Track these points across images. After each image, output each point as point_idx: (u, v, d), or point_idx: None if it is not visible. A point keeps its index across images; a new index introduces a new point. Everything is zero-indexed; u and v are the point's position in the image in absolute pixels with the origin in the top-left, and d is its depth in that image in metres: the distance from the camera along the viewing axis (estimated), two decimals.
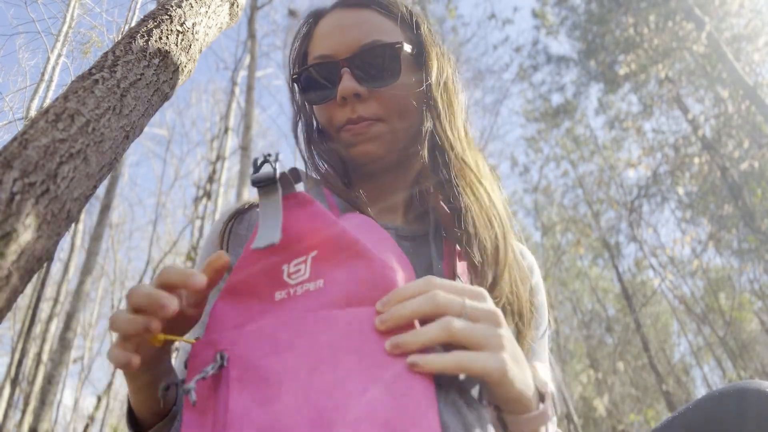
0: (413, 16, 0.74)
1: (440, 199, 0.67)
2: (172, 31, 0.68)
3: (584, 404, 10.29)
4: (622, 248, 9.74)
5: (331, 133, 0.71)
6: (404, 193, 0.73)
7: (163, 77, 0.65)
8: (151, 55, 0.63)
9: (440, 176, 0.67)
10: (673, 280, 8.81)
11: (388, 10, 0.72)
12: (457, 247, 0.64)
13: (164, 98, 0.66)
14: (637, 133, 9.23)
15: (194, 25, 0.73)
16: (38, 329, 7.03)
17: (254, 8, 6.05)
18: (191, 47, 0.72)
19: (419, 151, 0.69)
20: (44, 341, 6.43)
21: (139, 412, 0.55)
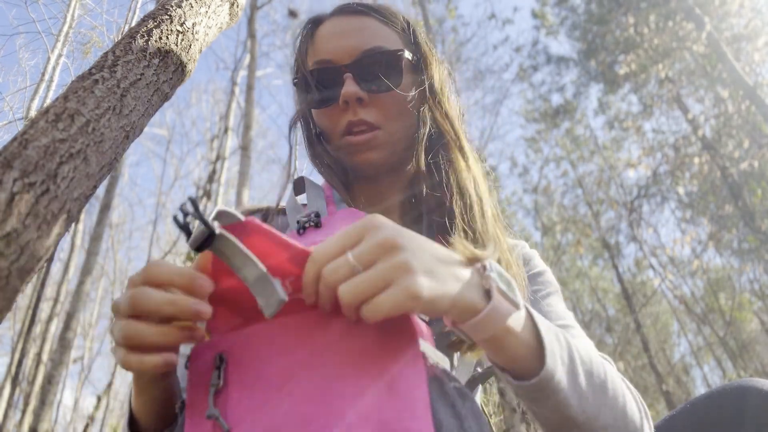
0: (410, 24, 0.76)
1: (435, 201, 0.69)
2: (172, 31, 0.68)
3: None
4: (622, 248, 9.74)
5: (332, 137, 0.72)
6: (400, 195, 0.74)
7: (163, 77, 0.65)
8: (151, 55, 0.63)
9: (434, 179, 0.69)
10: (673, 280, 8.81)
11: (386, 18, 0.74)
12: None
13: (164, 98, 0.66)
14: (637, 133, 9.23)
15: (194, 25, 0.73)
16: (38, 329, 7.03)
17: (254, 8, 6.05)
18: (191, 47, 0.72)
19: (414, 154, 0.71)
20: (44, 341, 6.43)
21: (142, 413, 0.53)
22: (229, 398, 0.40)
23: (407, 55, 0.71)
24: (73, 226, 0.53)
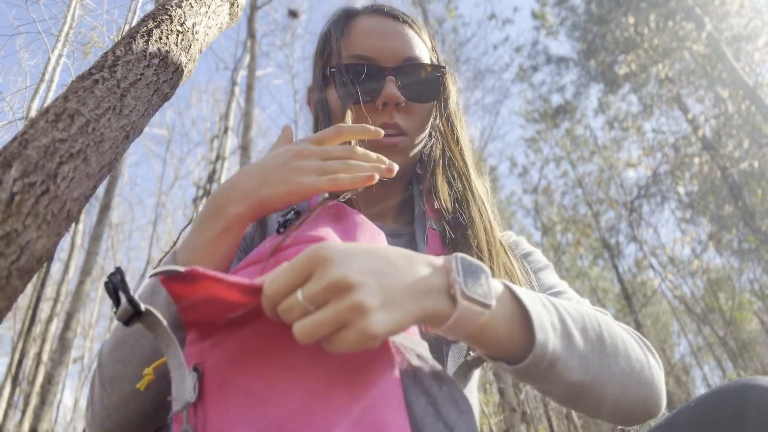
0: (433, 41, 0.80)
1: (434, 204, 0.72)
2: (172, 31, 0.68)
3: None
4: (622, 248, 9.74)
5: None
6: (396, 198, 0.76)
7: (163, 77, 0.65)
8: (151, 55, 0.63)
9: (429, 184, 0.73)
10: (673, 280, 8.81)
11: (419, 30, 0.77)
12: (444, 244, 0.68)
13: (164, 98, 0.66)
14: (637, 133, 9.23)
15: (194, 25, 0.73)
16: (38, 329, 7.03)
17: (254, 8, 6.05)
18: (191, 47, 0.72)
19: (415, 163, 0.75)
20: (44, 341, 6.43)
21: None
22: (208, 412, 0.39)
23: (442, 72, 0.74)
24: (73, 226, 0.53)
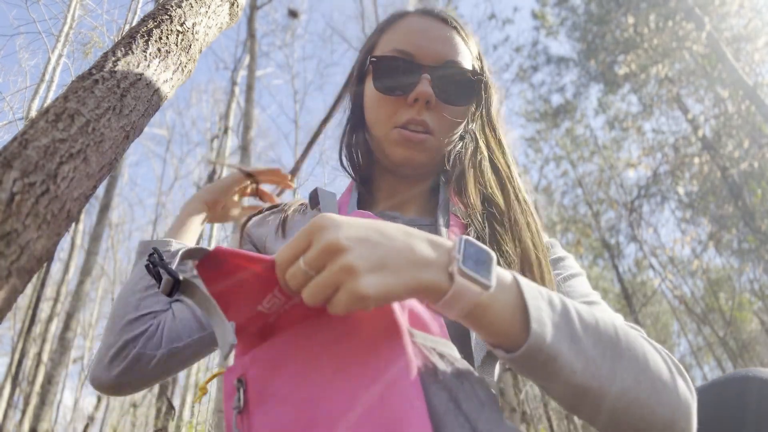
0: (480, 52, 0.81)
1: (462, 202, 0.73)
2: (172, 31, 0.68)
3: None
4: (622, 248, 9.74)
5: (382, 124, 0.74)
6: (419, 189, 0.79)
7: (163, 77, 0.65)
8: (151, 55, 0.63)
9: (458, 185, 0.75)
10: (673, 280, 8.81)
11: (466, 37, 0.78)
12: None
13: (164, 98, 0.66)
14: (637, 133, 9.23)
15: (194, 25, 0.73)
16: (38, 329, 7.02)
17: (254, 8, 6.05)
18: (191, 47, 0.72)
19: (442, 162, 0.77)
20: (44, 341, 6.43)
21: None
22: (251, 418, 0.43)
23: (479, 79, 0.76)
24: (73, 226, 0.53)
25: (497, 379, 0.69)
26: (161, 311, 0.74)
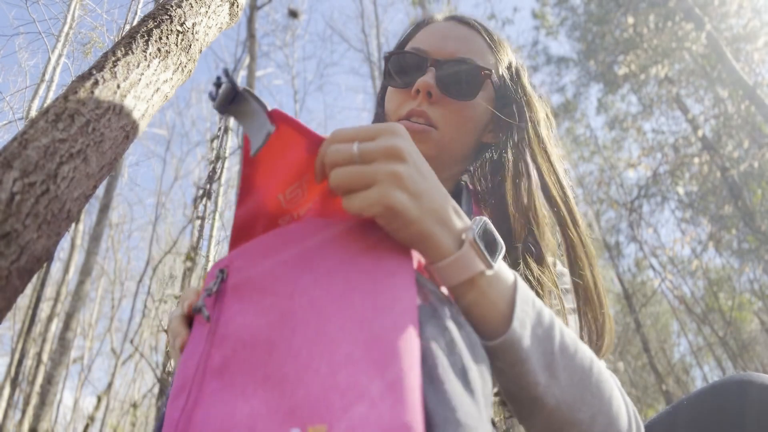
0: (516, 62, 0.79)
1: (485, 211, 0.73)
2: (172, 31, 0.68)
3: None
4: (622, 248, 9.73)
5: (390, 116, 0.75)
6: None
7: (163, 77, 0.65)
8: (151, 55, 0.63)
9: (491, 194, 0.74)
10: (673, 280, 8.80)
11: (493, 42, 0.77)
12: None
13: (164, 98, 0.66)
14: (637, 133, 9.23)
15: (194, 25, 0.73)
16: (38, 329, 7.02)
17: (254, 8, 6.05)
18: (191, 47, 0.72)
19: (457, 163, 0.74)
20: (44, 341, 6.43)
21: None
22: (224, 304, 0.42)
23: (495, 78, 0.74)
24: (73, 226, 0.53)
25: None
26: None
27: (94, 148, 0.52)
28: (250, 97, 0.45)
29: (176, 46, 0.68)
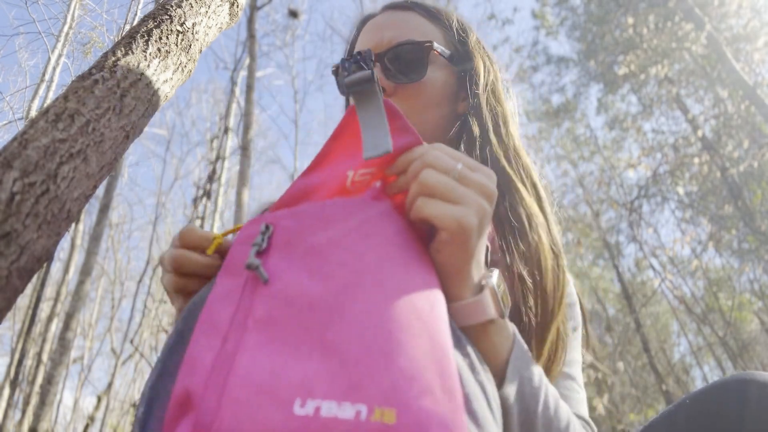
0: (462, 24, 0.77)
1: None
2: (172, 31, 0.68)
3: None
4: (622, 248, 9.74)
5: None
6: None
7: (163, 77, 0.65)
8: (151, 55, 0.63)
9: None
10: (673, 280, 8.80)
11: (431, 15, 0.75)
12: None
13: (164, 98, 0.66)
14: (637, 133, 9.23)
15: (194, 25, 0.73)
16: (38, 329, 7.02)
17: (254, 8, 6.04)
18: (191, 47, 0.72)
19: (457, 148, 0.71)
20: (44, 341, 6.43)
21: None
22: (270, 260, 0.40)
23: (439, 48, 0.71)
24: (73, 226, 0.54)
25: None
26: None
27: (94, 148, 0.52)
28: (381, 95, 0.47)
29: (176, 46, 0.68)
